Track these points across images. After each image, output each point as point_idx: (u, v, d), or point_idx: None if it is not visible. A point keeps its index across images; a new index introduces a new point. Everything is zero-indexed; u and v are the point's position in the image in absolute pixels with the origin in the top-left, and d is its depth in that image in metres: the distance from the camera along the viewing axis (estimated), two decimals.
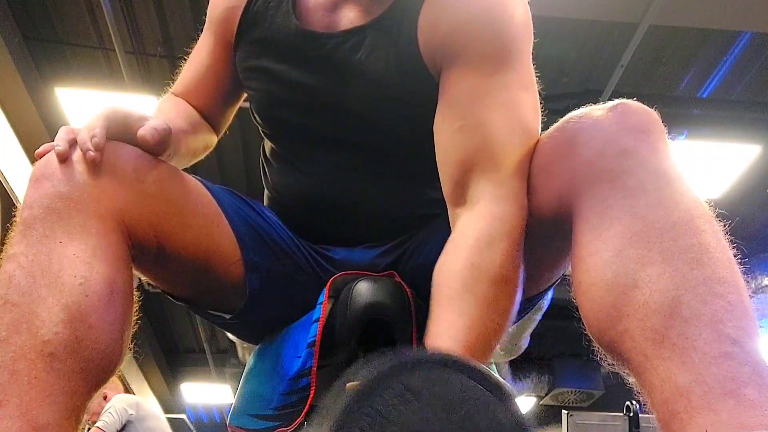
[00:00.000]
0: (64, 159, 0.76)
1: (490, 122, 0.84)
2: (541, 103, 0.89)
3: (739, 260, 0.65)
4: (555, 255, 0.85)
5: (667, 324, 0.60)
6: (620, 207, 0.67)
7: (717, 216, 0.67)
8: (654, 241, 0.64)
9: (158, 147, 0.84)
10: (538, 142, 0.83)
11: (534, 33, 0.93)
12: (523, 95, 0.86)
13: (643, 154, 0.70)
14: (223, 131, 1.16)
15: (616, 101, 0.75)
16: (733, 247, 0.65)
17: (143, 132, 0.82)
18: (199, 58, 1.10)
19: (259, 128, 1.07)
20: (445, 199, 0.88)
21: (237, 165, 4.32)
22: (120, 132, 0.82)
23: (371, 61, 0.93)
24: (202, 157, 1.09)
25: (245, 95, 1.12)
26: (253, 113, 1.06)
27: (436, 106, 0.90)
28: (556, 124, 0.80)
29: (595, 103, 0.78)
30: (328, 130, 0.98)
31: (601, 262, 0.66)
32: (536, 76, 0.91)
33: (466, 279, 0.75)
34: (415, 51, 0.91)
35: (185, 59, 1.14)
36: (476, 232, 0.79)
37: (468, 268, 0.76)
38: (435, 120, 0.89)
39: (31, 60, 3.65)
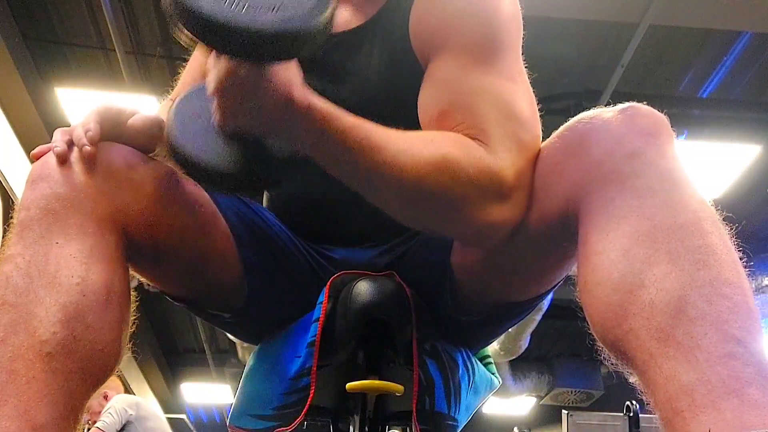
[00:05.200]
0: (63, 159, 0.77)
1: (473, 107, 0.83)
2: (539, 104, 0.89)
3: (744, 263, 0.65)
4: (560, 256, 0.85)
5: (673, 323, 0.60)
6: (628, 207, 0.67)
7: (723, 219, 0.68)
8: (661, 241, 0.64)
9: (149, 138, 0.85)
10: (546, 142, 0.83)
11: (534, 33, 0.93)
12: (509, 85, 0.85)
13: (651, 156, 0.70)
14: None
15: (626, 104, 0.75)
16: (739, 250, 0.66)
17: (133, 120, 0.82)
18: (197, 64, 1.10)
19: None
20: None
21: None
22: (114, 128, 0.82)
23: (367, 61, 0.93)
24: None
25: None
26: None
27: None
28: (565, 125, 0.79)
29: (594, 104, 0.77)
30: None
31: (607, 262, 0.66)
32: (536, 77, 0.90)
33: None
34: (408, 49, 0.91)
35: (185, 59, 1.14)
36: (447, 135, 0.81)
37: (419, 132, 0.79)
38: (418, 106, 0.88)
39: (31, 60, 3.65)
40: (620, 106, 0.75)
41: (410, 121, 0.93)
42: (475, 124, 0.81)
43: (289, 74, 0.74)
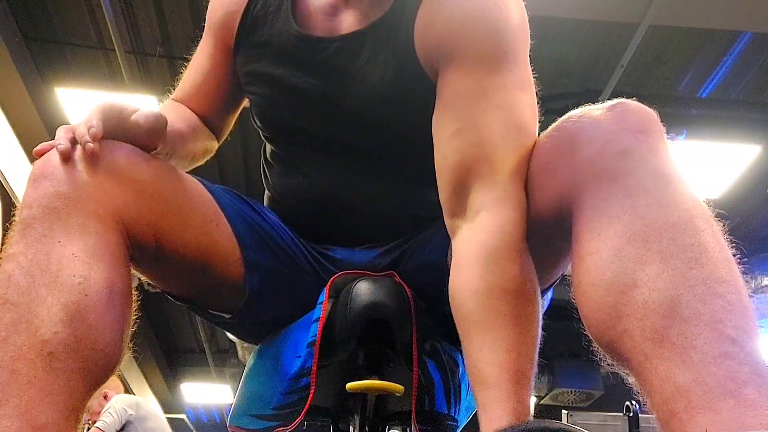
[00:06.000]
0: (67, 157, 0.77)
1: (487, 124, 0.84)
2: (539, 103, 0.89)
3: (739, 260, 0.64)
4: (555, 255, 0.85)
5: (667, 323, 0.59)
6: (620, 206, 0.67)
7: (716, 216, 0.67)
8: (653, 240, 0.64)
9: (152, 135, 0.85)
10: (536, 141, 0.83)
11: (534, 33, 0.93)
12: (520, 95, 0.86)
13: (642, 154, 0.70)
14: (224, 137, 1.16)
15: (615, 101, 0.75)
16: (733, 247, 0.65)
17: (136, 117, 0.82)
18: (198, 64, 1.10)
19: (260, 132, 1.07)
20: (442, 207, 0.87)
21: (237, 167, 4.32)
22: (116, 125, 0.82)
23: (370, 64, 0.93)
24: (202, 162, 1.09)
25: (246, 101, 1.12)
26: (253, 117, 1.06)
27: (433, 108, 0.90)
28: (554, 124, 0.80)
29: (594, 103, 0.77)
30: (328, 133, 0.98)
31: (600, 262, 0.66)
32: (536, 76, 0.91)
33: (488, 299, 0.75)
34: (412, 53, 0.91)
35: (184, 59, 1.14)
36: (484, 246, 0.78)
37: (485, 287, 0.76)
38: (433, 123, 0.89)
39: (31, 60, 3.65)
40: (609, 102, 0.75)
41: (409, 124, 0.93)
42: (482, 148, 0.83)
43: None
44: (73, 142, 0.78)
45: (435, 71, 0.90)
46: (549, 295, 0.99)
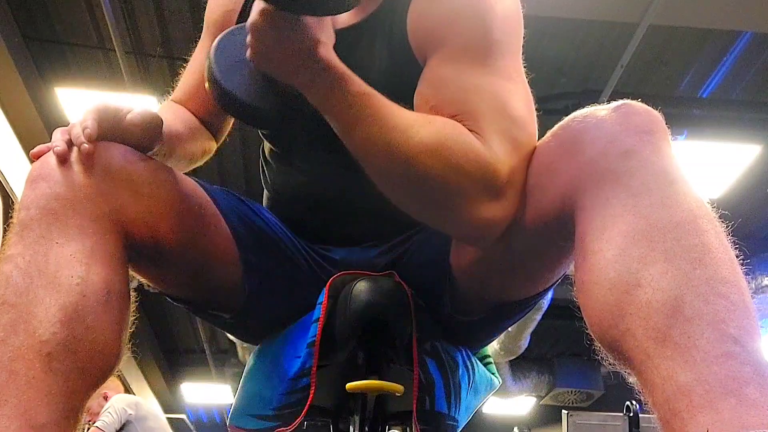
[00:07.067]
0: (64, 159, 0.77)
1: (466, 102, 0.83)
2: (538, 103, 0.89)
3: (741, 261, 0.65)
4: (557, 255, 0.85)
5: (670, 323, 0.59)
6: (623, 206, 0.67)
7: (719, 216, 0.67)
8: (657, 240, 0.64)
9: (148, 134, 0.85)
10: (540, 141, 0.83)
11: (533, 32, 0.93)
12: (504, 84, 0.85)
13: (646, 155, 0.70)
14: (223, 138, 1.16)
15: (620, 102, 0.75)
16: (735, 248, 0.65)
17: (132, 117, 0.82)
18: (197, 64, 1.10)
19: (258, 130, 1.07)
20: None
21: (236, 166, 4.32)
22: (112, 126, 0.82)
23: (366, 58, 0.93)
24: (200, 162, 1.09)
25: None
26: None
27: None
28: (559, 124, 0.79)
29: (594, 103, 0.77)
30: (326, 129, 0.98)
31: (603, 261, 0.66)
32: (534, 76, 0.90)
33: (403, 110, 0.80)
34: (407, 46, 0.91)
35: (185, 59, 1.14)
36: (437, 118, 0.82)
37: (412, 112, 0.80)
38: (414, 104, 0.88)
39: (31, 60, 3.65)
40: (614, 103, 0.75)
41: None
42: (468, 119, 0.81)
43: (320, 34, 0.81)
44: (70, 143, 0.78)
45: (426, 61, 0.90)
46: (549, 294, 0.99)
